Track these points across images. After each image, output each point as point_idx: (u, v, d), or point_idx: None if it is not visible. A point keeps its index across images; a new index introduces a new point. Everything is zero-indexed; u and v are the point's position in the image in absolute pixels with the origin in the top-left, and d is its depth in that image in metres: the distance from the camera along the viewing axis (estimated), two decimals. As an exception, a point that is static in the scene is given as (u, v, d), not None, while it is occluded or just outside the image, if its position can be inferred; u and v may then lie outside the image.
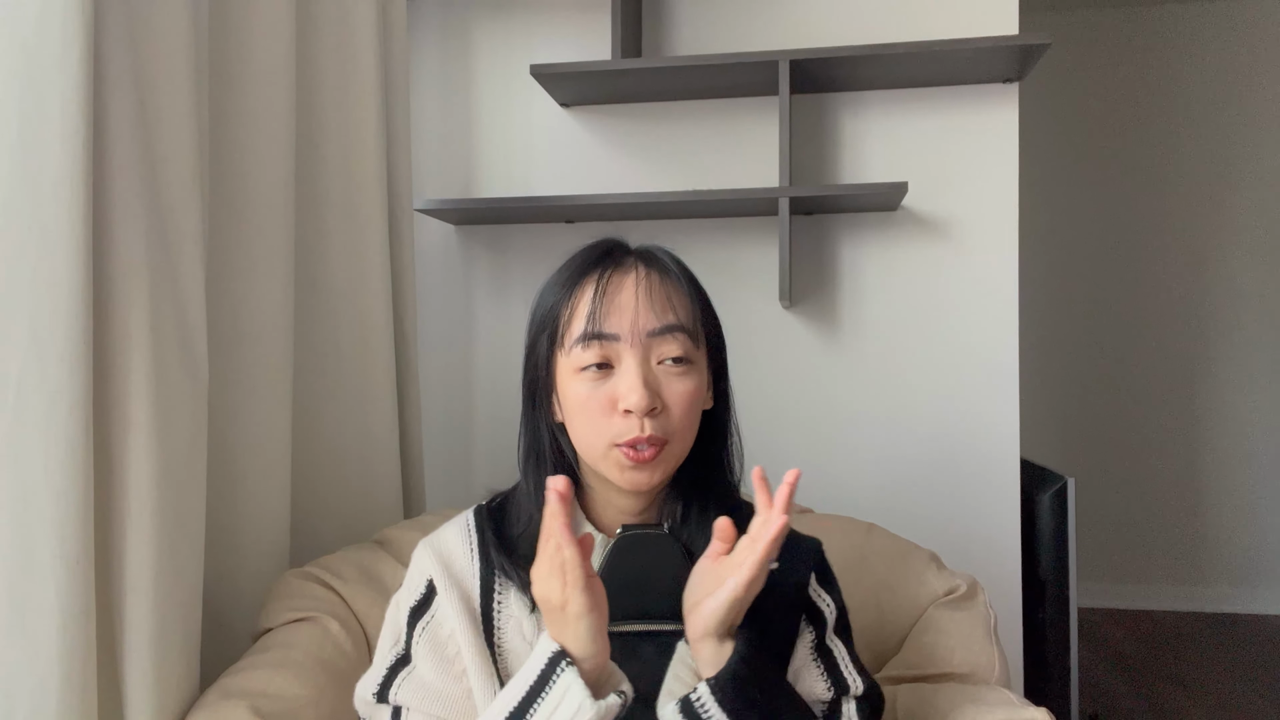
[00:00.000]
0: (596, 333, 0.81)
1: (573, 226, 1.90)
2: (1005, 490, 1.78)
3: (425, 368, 1.88)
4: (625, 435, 0.80)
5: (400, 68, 1.64)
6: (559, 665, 0.73)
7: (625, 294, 0.82)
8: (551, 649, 0.74)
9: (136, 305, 0.98)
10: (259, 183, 1.25)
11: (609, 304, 0.82)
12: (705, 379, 0.87)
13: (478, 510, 0.94)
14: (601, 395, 0.81)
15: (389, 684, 0.87)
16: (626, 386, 0.80)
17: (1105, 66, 3.70)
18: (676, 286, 0.85)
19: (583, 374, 0.82)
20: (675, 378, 0.82)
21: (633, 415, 0.80)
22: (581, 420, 0.83)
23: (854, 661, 0.89)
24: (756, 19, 1.86)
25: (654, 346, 0.82)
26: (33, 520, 0.88)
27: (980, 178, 1.79)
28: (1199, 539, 3.69)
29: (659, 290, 0.83)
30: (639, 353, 0.81)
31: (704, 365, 0.87)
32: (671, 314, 0.83)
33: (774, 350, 1.85)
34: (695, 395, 0.83)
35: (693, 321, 0.84)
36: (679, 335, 0.82)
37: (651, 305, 0.82)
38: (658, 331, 0.82)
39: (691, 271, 0.90)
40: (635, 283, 0.83)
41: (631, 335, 0.81)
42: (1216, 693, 2.86)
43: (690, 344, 0.83)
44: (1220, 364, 3.67)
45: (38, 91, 0.88)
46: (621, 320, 0.81)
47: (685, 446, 0.85)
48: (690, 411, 0.83)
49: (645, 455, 0.80)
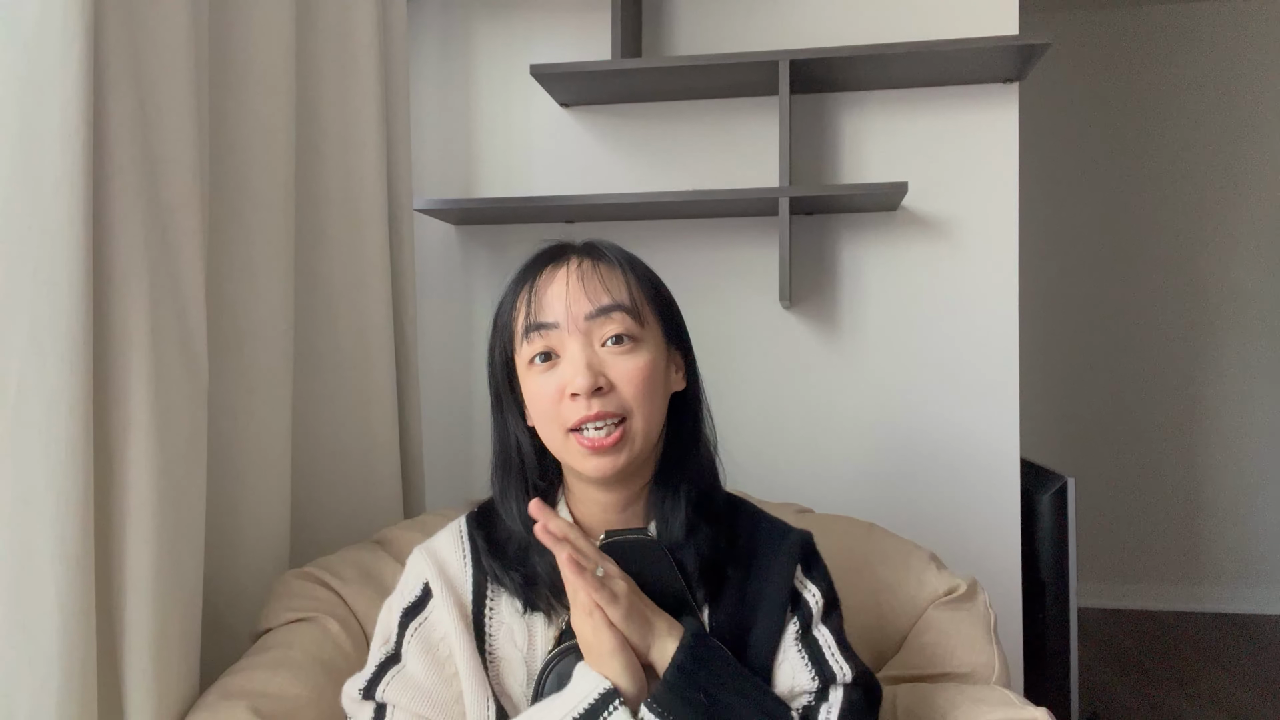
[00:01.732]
0: (535, 323, 0.84)
1: (573, 226, 1.90)
2: (1005, 490, 1.78)
3: (425, 368, 1.88)
4: (574, 416, 0.82)
5: (400, 68, 1.64)
6: (612, 703, 0.76)
7: (557, 285, 0.84)
8: (604, 686, 0.77)
9: (136, 305, 0.98)
10: (259, 183, 1.25)
11: (545, 295, 0.84)
12: (660, 357, 0.87)
13: (469, 517, 0.94)
14: (551, 385, 0.83)
15: (376, 681, 0.87)
16: (571, 370, 0.82)
17: (1105, 66, 3.70)
18: (611, 270, 0.86)
19: (533, 367, 0.84)
20: (620, 357, 0.83)
21: (580, 398, 0.81)
22: (538, 413, 0.85)
23: (842, 649, 0.88)
24: (756, 19, 1.86)
25: (594, 330, 0.83)
26: (33, 520, 0.88)
27: (980, 178, 1.79)
28: (1199, 539, 3.69)
29: (591, 275, 0.85)
30: (579, 337, 0.83)
31: (655, 343, 0.87)
32: (606, 295, 0.84)
33: (774, 350, 1.85)
34: (645, 371, 0.84)
35: (630, 300, 0.85)
36: (616, 314, 0.84)
37: (584, 290, 0.84)
38: (594, 314, 0.83)
39: (637, 258, 0.91)
40: (568, 272, 0.85)
41: (568, 320, 0.83)
42: (1216, 693, 2.86)
43: (631, 322, 0.84)
44: (1220, 364, 3.67)
45: (38, 91, 0.88)
46: (556, 307, 0.83)
47: (649, 424, 0.84)
48: (643, 388, 0.83)
49: (605, 441, 0.81)
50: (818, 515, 1.40)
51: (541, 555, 0.85)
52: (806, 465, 1.83)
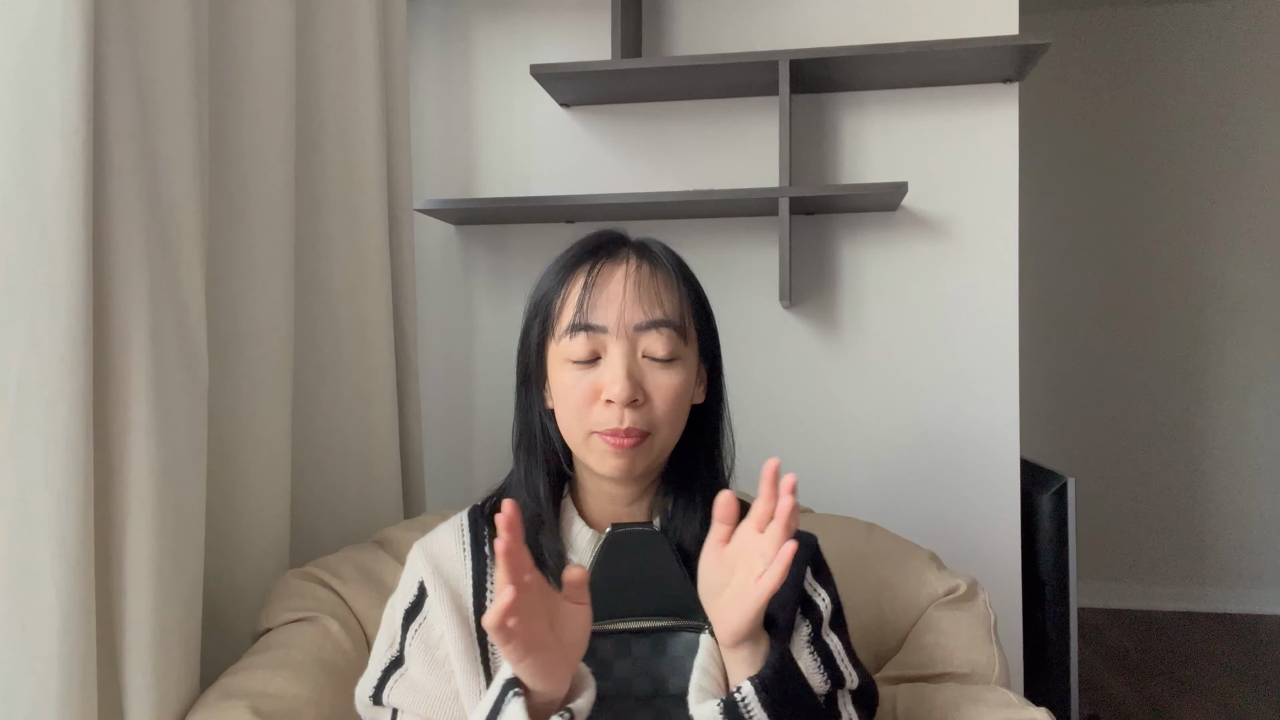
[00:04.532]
0: (584, 323, 0.83)
1: (573, 226, 1.90)
2: (1005, 490, 1.78)
3: (425, 368, 1.88)
4: (604, 425, 0.82)
5: (400, 68, 1.64)
6: (508, 693, 0.72)
7: (614, 286, 0.83)
8: (505, 676, 0.74)
9: (136, 305, 0.98)
10: (259, 183, 1.25)
11: (598, 295, 0.83)
12: (694, 373, 0.87)
13: (472, 510, 0.95)
14: (586, 384, 0.83)
15: (383, 686, 0.88)
16: (610, 377, 0.81)
17: (1105, 66, 3.70)
18: (667, 280, 0.86)
19: (570, 362, 0.83)
20: (660, 371, 0.83)
21: (614, 405, 0.81)
22: (565, 407, 0.85)
23: (849, 655, 0.90)
24: (756, 19, 1.86)
25: (640, 340, 0.83)
26: (33, 520, 0.88)
27: (980, 178, 1.79)
28: (1199, 539, 3.69)
29: (648, 284, 0.84)
30: (624, 345, 0.82)
31: (692, 360, 0.87)
32: (659, 309, 0.83)
33: (774, 350, 1.85)
34: (679, 389, 0.84)
35: (680, 316, 0.85)
36: (665, 330, 0.83)
37: (639, 299, 0.83)
38: (644, 326, 0.83)
39: (687, 267, 0.90)
40: (625, 275, 0.84)
41: (618, 327, 0.82)
42: (1216, 693, 2.86)
43: (677, 339, 0.84)
44: (1220, 364, 3.67)
45: (38, 91, 0.88)
46: (609, 312, 0.82)
47: (669, 440, 0.86)
48: (674, 405, 0.84)
49: (625, 442, 0.81)
50: (818, 515, 1.40)
51: (552, 537, 0.87)
52: (806, 465, 1.83)
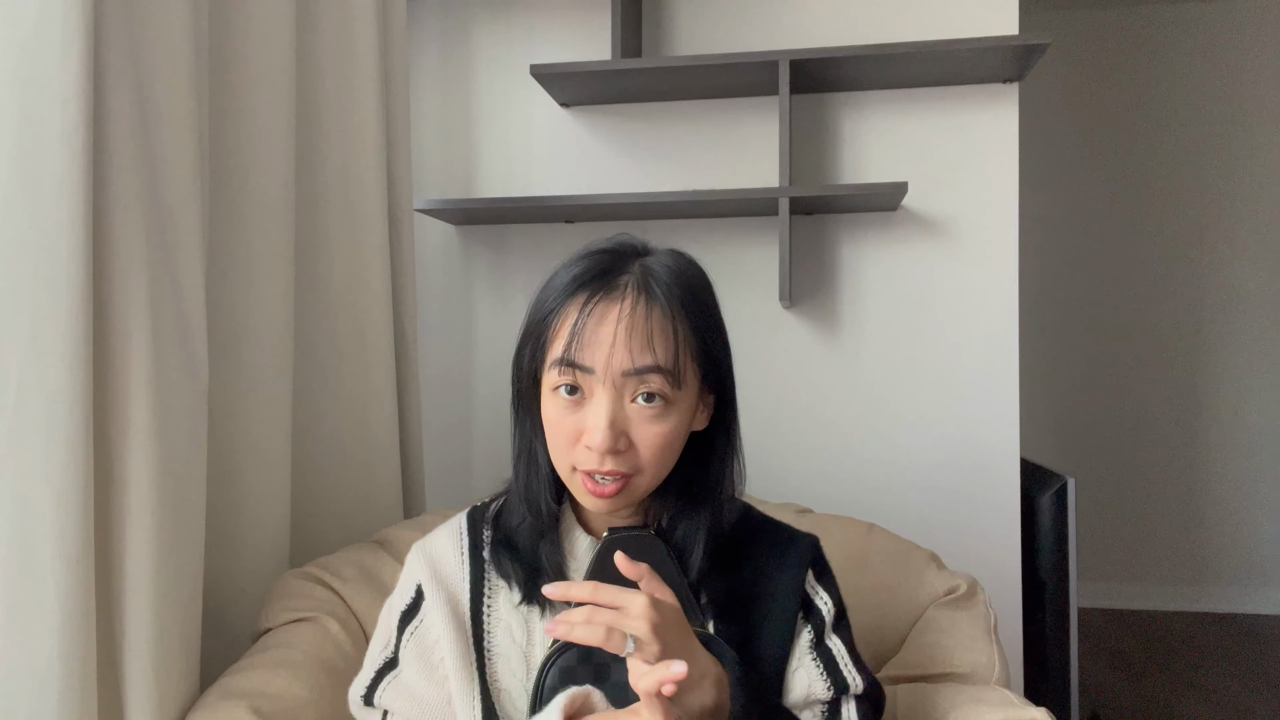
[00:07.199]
0: (572, 360, 0.79)
1: (573, 226, 1.90)
2: (1005, 490, 1.78)
3: (425, 368, 1.88)
4: (586, 465, 0.80)
5: (400, 68, 1.64)
6: None
7: (605, 328, 0.79)
8: None
9: (136, 305, 0.98)
10: (259, 183, 1.25)
11: (589, 335, 0.79)
12: (689, 413, 0.84)
13: (471, 512, 0.94)
14: (570, 423, 0.80)
15: (375, 687, 0.88)
16: (592, 424, 0.79)
17: (1105, 66, 3.70)
18: (663, 321, 0.80)
19: (557, 395, 0.81)
20: (647, 419, 0.80)
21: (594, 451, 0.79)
22: (551, 438, 0.83)
23: (854, 659, 0.89)
24: (756, 19, 1.86)
25: (628, 385, 0.79)
26: (33, 520, 0.88)
27: (980, 178, 1.79)
28: (1199, 539, 3.69)
29: (641, 327, 0.79)
30: (610, 391, 0.79)
31: (689, 399, 0.84)
32: (650, 354, 0.79)
33: (774, 350, 1.85)
34: (666, 437, 0.81)
35: (675, 360, 0.80)
36: (654, 377, 0.79)
37: (630, 343, 0.78)
38: (632, 372, 0.79)
39: (699, 292, 0.85)
40: (618, 318, 0.79)
41: (605, 371, 0.79)
42: (1216, 692, 2.86)
43: (668, 385, 0.80)
44: (1220, 364, 3.67)
45: (38, 91, 0.88)
46: (597, 354, 0.78)
47: (654, 479, 0.83)
48: (660, 452, 0.81)
49: (607, 490, 0.80)
50: (818, 515, 1.40)
51: (552, 547, 0.87)
52: (806, 465, 1.83)
